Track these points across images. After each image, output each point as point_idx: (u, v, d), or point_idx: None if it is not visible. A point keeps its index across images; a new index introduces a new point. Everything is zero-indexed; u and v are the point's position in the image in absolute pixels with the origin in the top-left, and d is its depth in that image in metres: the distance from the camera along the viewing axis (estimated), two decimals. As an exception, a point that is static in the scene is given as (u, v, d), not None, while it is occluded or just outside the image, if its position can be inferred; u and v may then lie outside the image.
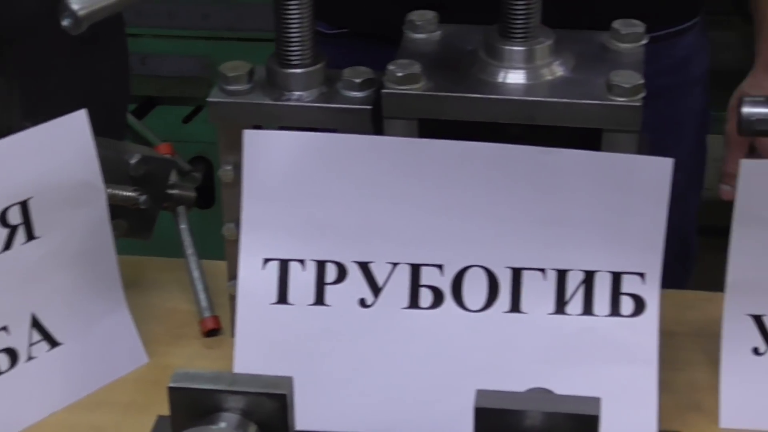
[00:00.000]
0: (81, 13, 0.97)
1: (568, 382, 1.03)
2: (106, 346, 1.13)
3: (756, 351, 1.05)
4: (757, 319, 1.04)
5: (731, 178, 1.43)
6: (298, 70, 1.09)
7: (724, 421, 1.05)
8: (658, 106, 1.16)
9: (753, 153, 1.42)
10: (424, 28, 1.13)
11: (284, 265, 1.06)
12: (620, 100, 1.02)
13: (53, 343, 1.10)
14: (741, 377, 1.05)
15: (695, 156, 1.47)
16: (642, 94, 1.03)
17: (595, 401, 0.88)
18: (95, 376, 1.12)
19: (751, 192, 1.01)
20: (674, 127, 1.38)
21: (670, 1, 1.39)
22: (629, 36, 1.10)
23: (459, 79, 1.06)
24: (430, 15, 1.14)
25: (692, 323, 1.18)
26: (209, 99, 1.09)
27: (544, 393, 0.97)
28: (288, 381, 0.91)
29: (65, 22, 0.97)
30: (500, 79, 1.06)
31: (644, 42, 1.10)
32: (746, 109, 1.09)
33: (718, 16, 2.31)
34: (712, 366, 1.08)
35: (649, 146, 1.12)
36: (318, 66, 1.09)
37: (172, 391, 0.89)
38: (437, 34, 1.13)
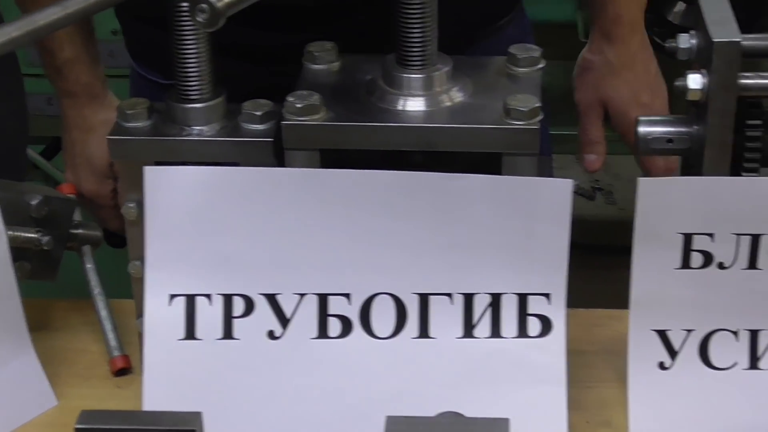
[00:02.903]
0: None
1: (479, 405, 1.03)
2: (13, 390, 1.11)
3: (662, 365, 1.06)
4: (662, 334, 1.06)
5: (593, 145, 1.43)
6: (198, 105, 1.09)
7: (634, 436, 1.07)
8: None
9: (608, 120, 1.42)
10: (322, 59, 1.13)
11: (191, 300, 1.05)
12: (518, 124, 1.03)
13: (-41, 389, 1.09)
14: (648, 392, 1.06)
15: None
16: (539, 117, 1.04)
17: (504, 422, 0.89)
18: (3, 421, 1.10)
19: (650, 210, 1.03)
20: None
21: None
22: (526, 60, 1.11)
23: (359, 109, 1.07)
24: (328, 46, 1.14)
25: (601, 341, 1.20)
26: (108, 137, 1.08)
27: (454, 417, 0.97)
28: (197, 416, 0.90)
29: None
30: (400, 107, 1.07)
31: (541, 66, 1.12)
32: (642, 129, 1.11)
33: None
34: (622, 382, 1.09)
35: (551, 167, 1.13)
36: (218, 100, 1.09)
37: (79, 432, 0.89)
38: (336, 65, 1.13)
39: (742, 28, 1.06)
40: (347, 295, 1.05)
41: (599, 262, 2.12)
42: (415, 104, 1.07)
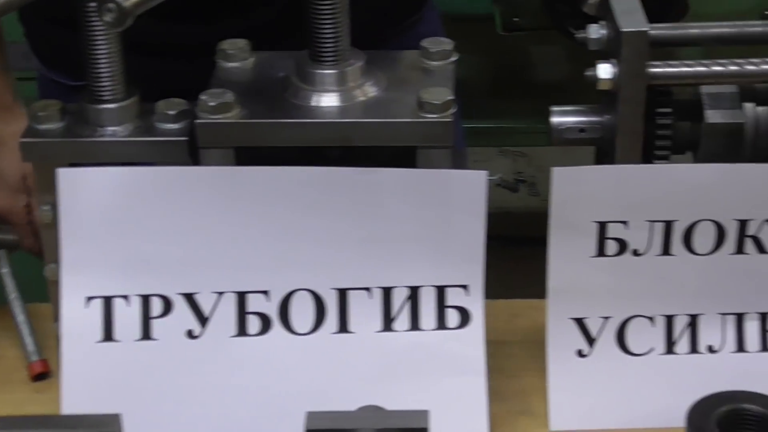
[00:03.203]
0: None
1: (400, 398, 1.03)
2: (-71, 398, 1.10)
3: (580, 353, 1.07)
4: (579, 322, 1.07)
5: None
6: (111, 105, 1.08)
7: (554, 423, 1.08)
8: None
9: None
10: (236, 57, 1.13)
11: (108, 302, 1.05)
12: (431, 117, 1.04)
13: None
14: (567, 379, 1.07)
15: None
16: (453, 110, 1.05)
17: (424, 414, 0.89)
18: None
19: (565, 199, 1.04)
20: None
21: None
22: (438, 53, 1.12)
23: (273, 106, 1.07)
24: (242, 43, 1.14)
25: (521, 331, 1.20)
26: (21, 140, 1.07)
27: (374, 410, 0.97)
28: (116, 418, 0.90)
29: None
30: (313, 103, 1.07)
31: (454, 59, 1.13)
32: (555, 119, 1.12)
33: (541, 31, 2.37)
34: (542, 371, 1.10)
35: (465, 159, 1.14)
36: (131, 100, 1.09)
37: (-4, 438, 0.87)
38: (250, 62, 1.13)
39: (655, 20, 1.08)
40: (265, 293, 1.05)
41: (523, 253, 2.13)
42: (328, 100, 1.07)
